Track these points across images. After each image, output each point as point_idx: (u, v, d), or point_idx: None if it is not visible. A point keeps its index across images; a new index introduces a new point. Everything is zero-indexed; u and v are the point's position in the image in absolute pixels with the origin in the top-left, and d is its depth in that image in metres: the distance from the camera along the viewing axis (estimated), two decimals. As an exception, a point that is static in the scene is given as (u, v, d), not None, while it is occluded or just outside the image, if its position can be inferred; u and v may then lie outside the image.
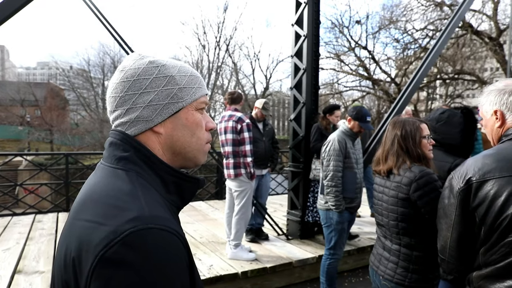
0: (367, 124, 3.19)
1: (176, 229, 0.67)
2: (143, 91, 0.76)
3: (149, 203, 0.68)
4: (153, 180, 0.75)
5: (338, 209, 3.09)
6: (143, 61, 0.79)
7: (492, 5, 16.37)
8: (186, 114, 0.80)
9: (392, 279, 1.93)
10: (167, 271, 0.62)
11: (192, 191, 0.84)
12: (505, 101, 1.46)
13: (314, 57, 4.80)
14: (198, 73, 0.86)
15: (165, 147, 0.79)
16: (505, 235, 1.32)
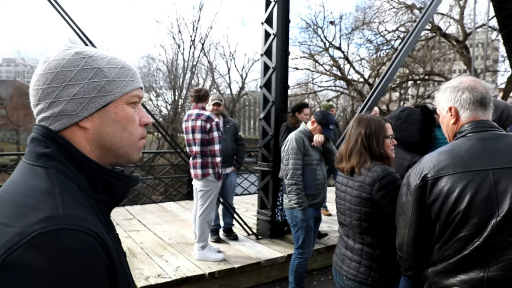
0: (329, 132, 3.21)
1: (95, 230, 0.62)
2: (67, 84, 0.72)
3: (66, 202, 0.63)
4: (77, 177, 0.70)
5: (301, 206, 3.09)
6: (69, 51, 0.74)
7: (459, 10, 16.96)
8: (116, 108, 0.76)
9: (355, 278, 1.93)
10: (77, 276, 0.58)
11: (124, 189, 0.79)
12: (458, 98, 1.47)
13: (284, 56, 4.79)
14: (132, 66, 0.81)
15: (93, 143, 0.75)
16: (458, 230, 1.34)
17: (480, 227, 1.28)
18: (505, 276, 1.25)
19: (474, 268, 1.30)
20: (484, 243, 1.28)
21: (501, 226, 1.25)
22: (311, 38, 18.77)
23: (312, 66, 18.93)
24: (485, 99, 1.42)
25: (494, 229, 1.26)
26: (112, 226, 0.78)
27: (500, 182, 1.26)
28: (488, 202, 1.27)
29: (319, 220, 3.42)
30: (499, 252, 1.26)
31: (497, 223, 1.25)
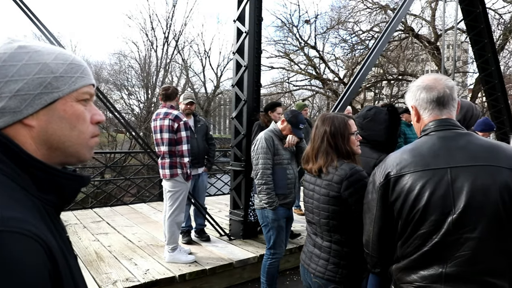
0: (299, 131, 3.16)
1: (37, 233, 0.58)
2: (9, 79, 0.67)
3: (5, 203, 0.59)
4: (20, 177, 0.67)
5: (271, 206, 3.07)
6: (12, 45, 0.70)
7: (430, 11, 17.40)
8: (64, 106, 0.73)
9: (323, 276, 1.93)
10: (16, 281, 0.53)
11: (74, 189, 0.76)
12: (417, 97, 1.49)
13: (256, 54, 4.75)
14: (82, 61, 0.78)
15: (39, 142, 0.71)
16: (417, 227, 1.36)
17: (437, 224, 1.30)
18: (462, 272, 1.26)
19: (433, 264, 1.32)
20: (442, 240, 1.29)
21: (457, 224, 1.26)
22: (286, 37, 18.78)
23: (288, 65, 18.99)
24: (442, 99, 1.42)
25: (451, 226, 1.27)
26: (60, 228, 0.75)
27: (457, 180, 1.27)
28: (445, 200, 1.28)
29: (291, 220, 3.40)
30: (455, 248, 1.27)
31: (453, 221, 1.27)
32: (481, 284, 1.23)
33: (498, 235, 1.22)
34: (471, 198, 1.24)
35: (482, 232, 1.23)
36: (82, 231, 5.00)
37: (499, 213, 1.21)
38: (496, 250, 1.22)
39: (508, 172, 1.23)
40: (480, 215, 1.23)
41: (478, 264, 1.24)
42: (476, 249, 1.23)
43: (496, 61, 9.14)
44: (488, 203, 1.22)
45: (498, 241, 1.22)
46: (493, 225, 1.22)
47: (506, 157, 1.26)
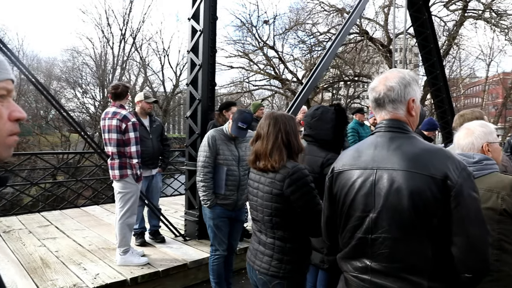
0: (237, 130, 3.07)
1: None
2: None
3: None
4: None
5: (206, 204, 3.11)
6: None
7: (383, 16, 18.17)
8: None
9: (268, 272, 1.96)
10: None
11: None
12: (370, 98, 1.50)
13: (211, 53, 4.72)
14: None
15: None
16: (347, 222, 1.43)
17: (360, 221, 1.36)
18: (383, 267, 1.32)
19: (361, 257, 1.39)
20: (364, 236, 1.36)
21: (375, 223, 1.32)
22: (245, 37, 18.91)
23: (247, 64, 19.08)
24: (380, 100, 1.43)
25: (371, 224, 1.34)
26: None
27: (379, 181, 1.32)
28: (368, 199, 1.34)
29: (239, 221, 3.39)
30: (376, 246, 1.33)
31: (372, 220, 1.33)
32: (400, 279, 1.29)
33: (411, 237, 1.27)
34: (386, 201, 1.29)
35: (396, 233, 1.28)
36: (27, 237, 4.73)
37: (410, 217, 1.25)
38: (411, 250, 1.27)
39: (426, 178, 1.24)
40: (393, 217, 1.28)
41: (396, 262, 1.30)
42: (393, 248, 1.29)
43: (441, 65, 9.69)
44: (400, 207, 1.26)
45: (413, 242, 1.27)
46: (406, 228, 1.27)
47: (430, 165, 1.26)
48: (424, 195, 1.24)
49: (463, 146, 1.93)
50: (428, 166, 1.26)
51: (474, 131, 1.92)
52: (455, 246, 1.25)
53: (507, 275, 1.75)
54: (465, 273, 1.27)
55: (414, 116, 1.44)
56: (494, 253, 1.74)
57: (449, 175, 1.23)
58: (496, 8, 16.37)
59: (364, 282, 1.37)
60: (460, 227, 1.23)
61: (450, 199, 1.23)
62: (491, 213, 1.75)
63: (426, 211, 1.24)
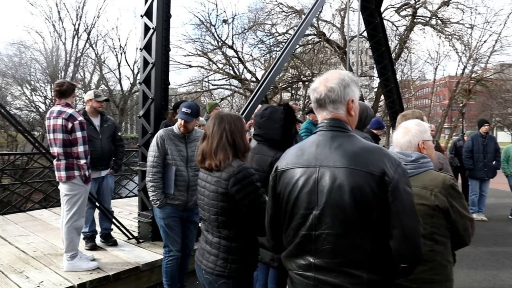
0: (185, 115, 3.04)
1: None
2: None
3: None
4: None
5: (156, 204, 3.09)
6: None
7: (340, 18, 18.72)
8: None
9: (213, 272, 1.95)
10: None
11: None
12: (312, 99, 1.54)
13: (164, 52, 4.64)
14: None
15: None
16: (291, 220, 1.45)
17: (304, 218, 1.39)
18: (326, 263, 1.36)
19: (304, 254, 1.42)
20: (308, 233, 1.39)
21: (319, 219, 1.36)
22: (204, 36, 18.72)
23: (206, 64, 18.91)
24: (321, 100, 1.47)
25: (314, 221, 1.37)
26: None
27: (322, 179, 1.36)
28: (311, 196, 1.38)
29: (190, 222, 3.35)
30: (320, 242, 1.37)
31: (316, 216, 1.37)
32: (342, 274, 1.34)
33: (353, 232, 1.33)
34: (329, 197, 1.34)
35: (339, 229, 1.33)
36: (-38, 245, 4.39)
37: (352, 212, 1.30)
38: (353, 245, 1.33)
39: (365, 175, 1.30)
40: (336, 213, 1.33)
41: (338, 257, 1.34)
42: (336, 244, 1.34)
43: (392, 67, 10.17)
44: (342, 203, 1.31)
45: (354, 237, 1.33)
46: (348, 223, 1.32)
47: (369, 162, 1.32)
48: (364, 190, 1.29)
49: (402, 144, 2.04)
50: (367, 163, 1.31)
51: (411, 130, 2.03)
52: (392, 238, 1.32)
53: (439, 264, 1.88)
54: (401, 263, 1.35)
55: (354, 116, 1.49)
56: (428, 245, 1.87)
57: (386, 171, 1.30)
58: (441, 16, 17.43)
59: (308, 279, 1.41)
60: (396, 220, 1.30)
61: (387, 194, 1.29)
62: (425, 209, 1.86)
63: (366, 206, 1.30)
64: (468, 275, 4.43)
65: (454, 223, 1.87)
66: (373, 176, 1.30)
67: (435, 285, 1.87)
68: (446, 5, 16.93)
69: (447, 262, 1.91)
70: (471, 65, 19.82)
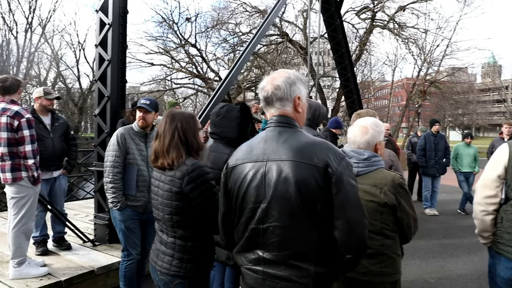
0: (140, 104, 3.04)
1: None
2: None
3: None
4: None
5: (116, 206, 2.97)
6: None
7: (302, 19, 19.04)
8: None
9: (169, 272, 1.93)
10: None
11: None
12: (260, 98, 1.57)
13: (121, 48, 4.50)
14: None
15: None
16: (241, 214, 1.47)
17: (253, 212, 1.41)
18: (275, 256, 1.39)
19: (254, 249, 1.44)
20: (256, 227, 1.41)
21: (266, 213, 1.38)
22: (166, 34, 18.36)
23: (169, 62, 18.57)
24: (268, 98, 1.50)
25: (262, 214, 1.39)
26: None
27: (269, 172, 1.39)
28: (259, 190, 1.40)
29: (150, 224, 3.25)
30: (267, 236, 1.39)
31: (263, 210, 1.39)
32: (290, 267, 1.37)
33: (299, 224, 1.36)
34: (276, 190, 1.36)
35: (285, 221, 1.36)
36: None
37: (297, 205, 1.34)
38: (299, 237, 1.36)
39: (310, 167, 1.34)
40: (282, 205, 1.36)
41: (286, 250, 1.37)
42: (283, 236, 1.36)
43: (352, 68, 10.46)
44: (288, 195, 1.34)
45: (300, 229, 1.36)
46: (294, 215, 1.35)
47: (313, 155, 1.35)
48: (309, 183, 1.33)
49: (360, 143, 2.07)
50: (312, 156, 1.35)
51: (369, 130, 2.06)
52: (337, 230, 1.36)
53: (389, 257, 1.97)
54: (346, 254, 1.39)
55: (301, 112, 1.53)
56: (378, 239, 1.95)
57: (330, 164, 1.34)
58: (398, 20, 18.20)
59: (257, 273, 1.43)
60: (340, 211, 1.34)
61: (331, 186, 1.33)
62: (375, 206, 1.94)
63: (311, 198, 1.33)
64: (420, 267, 4.65)
65: (399, 220, 1.96)
66: (317, 169, 1.33)
67: (385, 277, 1.95)
68: (402, 10, 17.68)
69: (396, 256, 2.00)
70: (425, 68, 20.88)
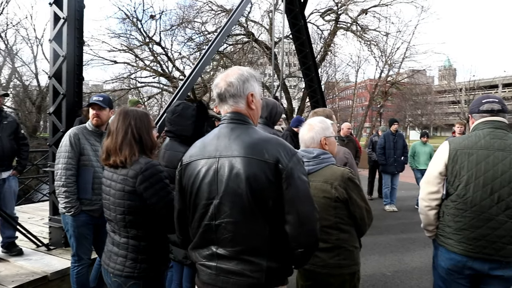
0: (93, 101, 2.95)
1: None
2: None
3: None
4: None
5: (70, 212, 2.81)
6: None
7: (268, 20, 19.17)
8: None
9: (122, 273, 1.88)
10: None
11: None
12: (214, 95, 1.58)
13: (78, 44, 4.33)
14: None
15: None
16: (195, 211, 1.47)
17: (206, 208, 1.42)
18: (228, 252, 1.40)
19: (208, 245, 1.45)
20: (209, 223, 1.42)
21: (218, 209, 1.39)
22: (130, 31, 17.86)
23: (133, 60, 18.06)
24: (222, 95, 1.51)
25: (215, 210, 1.40)
26: None
27: (221, 169, 1.39)
28: (211, 186, 1.40)
29: (105, 227, 3.17)
30: (220, 232, 1.40)
31: (216, 206, 1.39)
32: (242, 262, 1.38)
33: (251, 219, 1.37)
34: (227, 186, 1.37)
35: (237, 217, 1.37)
36: None
37: (248, 200, 1.35)
38: (251, 232, 1.37)
39: (261, 163, 1.35)
40: (234, 201, 1.37)
41: (238, 245, 1.38)
42: (235, 232, 1.37)
43: (315, 69, 10.65)
44: (239, 191, 1.35)
45: (252, 224, 1.37)
46: (245, 211, 1.36)
47: (264, 151, 1.37)
48: (260, 178, 1.34)
49: (306, 140, 2.16)
50: (262, 152, 1.36)
51: (314, 127, 2.15)
52: (288, 224, 1.38)
53: (346, 249, 2.04)
54: (298, 248, 1.41)
55: (255, 109, 1.55)
56: (334, 234, 2.02)
57: (280, 159, 1.36)
58: (361, 23, 18.75)
59: (210, 269, 1.43)
60: (291, 206, 1.36)
61: (282, 181, 1.35)
62: (328, 201, 2.00)
63: (262, 193, 1.35)
64: (379, 261, 4.82)
65: (352, 213, 2.02)
66: (268, 164, 1.35)
67: (343, 269, 2.03)
68: (364, 13, 18.22)
69: (353, 248, 2.08)
70: (386, 69, 21.65)
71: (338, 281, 2.03)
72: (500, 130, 2.05)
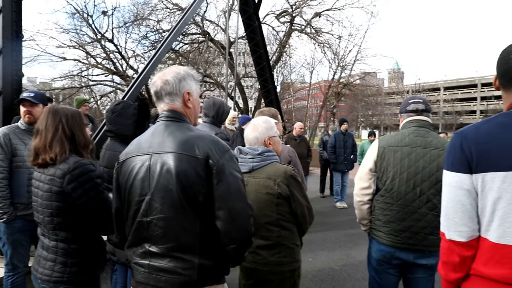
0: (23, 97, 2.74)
1: None
2: None
3: None
4: None
5: (2, 219, 2.65)
6: None
7: (224, 19, 19.13)
8: None
9: (50, 279, 1.79)
10: None
11: None
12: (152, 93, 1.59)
13: (16, 38, 4.10)
14: None
15: None
16: (129, 208, 1.46)
17: (138, 205, 1.41)
18: (160, 249, 1.40)
19: (142, 242, 1.44)
20: (141, 220, 1.41)
21: (150, 205, 1.39)
22: (80, 26, 17.05)
23: (84, 57, 17.24)
24: (158, 93, 1.53)
25: (146, 207, 1.40)
26: None
27: (154, 165, 1.40)
28: (144, 183, 1.41)
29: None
30: (152, 228, 1.40)
31: (147, 202, 1.40)
32: (174, 259, 1.38)
33: (181, 216, 1.38)
34: (158, 182, 1.38)
35: (168, 213, 1.37)
36: None
37: (178, 196, 1.36)
38: (182, 229, 1.38)
39: (191, 159, 1.37)
40: (165, 197, 1.37)
41: (170, 242, 1.38)
42: (166, 228, 1.38)
43: (269, 69, 10.82)
44: (170, 187, 1.36)
45: (183, 221, 1.38)
46: (175, 207, 1.37)
47: (196, 147, 1.38)
48: (190, 174, 1.35)
49: (250, 140, 2.20)
50: (193, 148, 1.38)
51: (258, 127, 2.19)
52: (219, 220, 1.39)
53: (287, 247, 2.08)
54: (230, 244, 1.42)
55: (191, 108, 1.56)
56: (275, 231, 2.05)
57: (211, 155, 1.37)
58: (315, 25, 19.27)
59: (143, 267, 1.42)
60: (222, 201, 1.38)
61: (212, 177, 1.37)
62: (271, 198, 2.04)
63: (192, 189, 1.36)
64: (328, 256, 4.99)
65: (294, 210, 2.08)
66: (198, 160, 1.37)
67: (284, 266, 2.07)
68: (318, 16, 18.72)
69: (295, 246, 2.12)
70: (339, 71, 22.40)
71: (278, 279, 2.06)
72: (423, 128, 2.21)
